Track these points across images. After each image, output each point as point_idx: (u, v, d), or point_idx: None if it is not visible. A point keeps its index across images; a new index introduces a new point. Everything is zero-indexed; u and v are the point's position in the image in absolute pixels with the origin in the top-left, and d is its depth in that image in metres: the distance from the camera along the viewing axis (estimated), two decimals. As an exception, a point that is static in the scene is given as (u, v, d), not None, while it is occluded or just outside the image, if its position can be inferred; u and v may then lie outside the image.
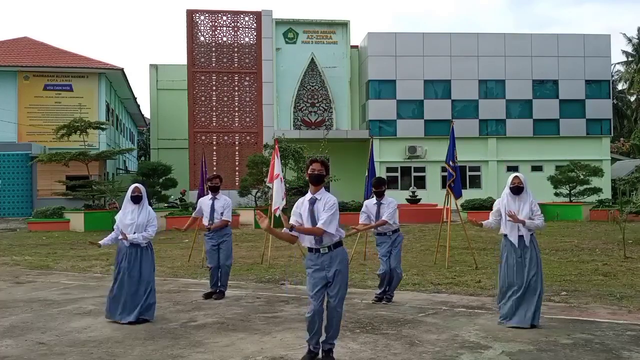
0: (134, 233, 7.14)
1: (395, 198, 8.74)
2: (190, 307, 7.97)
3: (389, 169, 32.17)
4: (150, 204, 7.58)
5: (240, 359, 5.58)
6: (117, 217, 7.35)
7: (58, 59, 32.12)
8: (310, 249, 5.44)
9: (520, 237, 6.75)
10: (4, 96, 30.73)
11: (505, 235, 6.87)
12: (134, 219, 7.19)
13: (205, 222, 8.76)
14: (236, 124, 32.90)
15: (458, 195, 11.97)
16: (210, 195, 8.88)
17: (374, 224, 8.16)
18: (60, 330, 6.72)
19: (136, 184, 7.47)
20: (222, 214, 8.69)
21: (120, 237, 7.22)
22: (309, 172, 5.54)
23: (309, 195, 5.50)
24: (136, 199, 7.28)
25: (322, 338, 5.47)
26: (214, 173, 9.29)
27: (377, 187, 8.29)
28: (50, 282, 10.39)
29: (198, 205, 9.02)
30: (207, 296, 8.52)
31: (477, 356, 5.57)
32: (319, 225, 5.30)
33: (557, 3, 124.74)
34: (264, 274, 10.79)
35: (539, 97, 34.08)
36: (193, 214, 9.25)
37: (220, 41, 32.86)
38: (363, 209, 8.38)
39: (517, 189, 6.85)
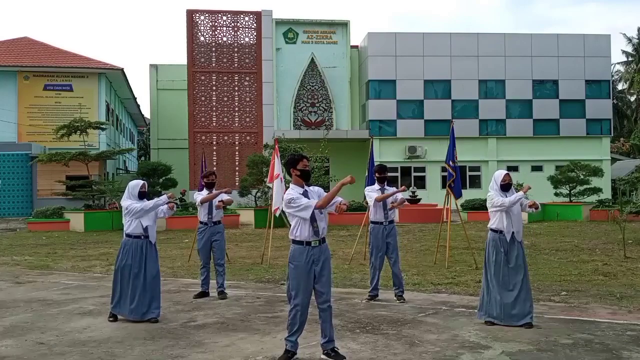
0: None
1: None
2: (190, 307, 7.97)
3: (389, 169, 32.11)
4: None
5: (240, 359, 5.58)
6: (127, 206, 7.22)
7: (58, 59, 32.13)
8: (299, 242, 5.42)
9: (513, 234, 6.81)
10: (4, 96, 30.74)
11: (494, 231, 6.89)
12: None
13: (204, 218, 8.78)
14: (236, 124, 32.91)
15: (458, 195, 11.97)
16: (206, 192, 8.91)
17: (398, 191, 8.46)
18: (60, 330, 6.72)
19: (142, 181, 7.52)
20: (217, 207, 8.76)
21: (167, 199, 7.32)
22: (299, 168, 5.51)
23: (299, 189, 5.49)
24: (143, 195, 7.36)
25: (323, 340, 5.47)
26: (211, 170, 9.33)
27: (381, 173, 8.39)
28: (50, 282, 10.38)
29: (197, 196, 8.88)
30: (198, 296, 8.55)
31: (477, 356, 5.57)
32: (338, 199, 5.41)
33: (557, 3, 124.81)
34: (264, 274, 10.78)
35: (539, 97, 34.08)
36: (202, 199, 8.75)
37: (220, 41, 32.87)
38: (369, 193, 8.37)
39: (508, 186, 6.94)
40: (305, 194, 5.46)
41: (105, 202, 24.75)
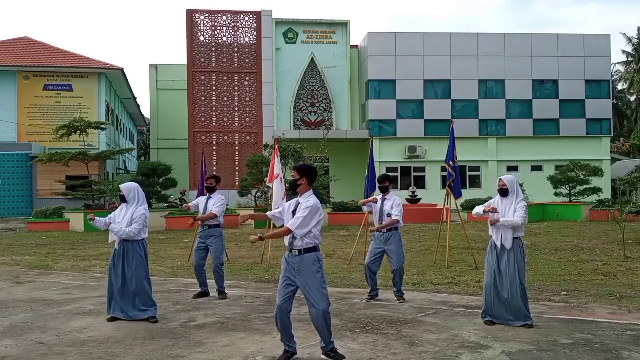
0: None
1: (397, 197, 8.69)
2: (190, 307, 7.97)
3: (389, 169, 32.14)
4: (149, 205, 7.62)
5: (240, 359, 5.58)
6: (115, 213, 7.45)
7: (58, 59, 32.13)
8: (288, 247, 5.50)
9: (502, 240, 6.77)
10: (4, 96, 30.73)
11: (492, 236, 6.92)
12: (121, 217, 7.29)
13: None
14: (236, 124, 32.90)
15: (458, 195, 11.98)
16: (206, 195, 8.99)
17: (386, 224, 8.11)
18: (60, 330, 6.72)
19: (121, 185, 7.55)
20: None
21: (89, 217, 7.38)
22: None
23: (297, 199, 5.59)
24: (122, 199, 7.37)
25: (321, 344, 5.46)
26: (212, 174, 9.41)
27: (382, 182, 8.34)
28: (50, 282, 10.38)
29: (196, 202, 9.15)
30: (198, 296, 8.58)
31: (477, 356, 5.57)
32: (287, 225, 5.39)
33: (557, 3, 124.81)
34: (264, 274, 10.78)
35: (539, 97, 34.09)
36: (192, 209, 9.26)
37: (220, 41, 32.87)
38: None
39: (501, 192, 6.92)
40: (296, 205, 5.50)
41: (105, 202, 24.76)
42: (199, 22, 32.87)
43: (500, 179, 6.98)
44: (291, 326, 5.44)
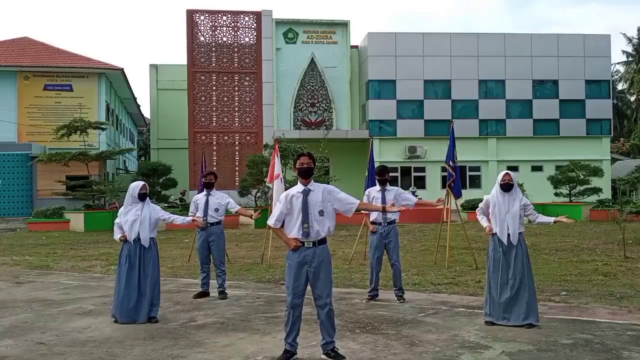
0: (141, 229, 7.22)
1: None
2: (190, 307, 7.97)
3: (389, 169, 32.10)
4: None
5: (240, 359, 5.58)
6: (118, 215, 7.40)
7: (58, 59, 32.14)
8: (302, 239, 5.44)
9: (508, 236, 6.76)
10: (4, 96, 30.74)
11: (494, 233, 6.89)
12: (137, 215, 7.21)
13: (199, 218, 8.76)
14: (236, 124, 32.91)
15: (458, 195, 11.98)
16: (204, 192, 8.91)
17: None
18: (60, 330, 6.72)
19: (142, 182, 7.51)
20: (216, 210, 8.71)
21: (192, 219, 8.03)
22: (297, 166, 5.60)
23: (300, 187, 5.50)
24: (143, 197, 7.32)
25: (322, 342, 5.47)
26: (211, 170, 9.36)
27: (381, 175, 8.32)
28: (50, 282, 10.38)
29: (192, 204, 9.00)
30: (198, 296, 8.57)
31: (477, 356, 5.57)
32: (355, 202, 5.53)
33: (557, 3, 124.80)
34: (264, 274, 10.78)
35: (539, 97, 34.09)
36: (191, 213, 9.02)
37: (220, 41, 32.87)
38: (365, 194, 8.53)
39: (507, 186, 6.87)
40: (305, 193, 5.45)
41: (105, 202, 24.76)
42: (199, 22, 32.87)
43: (507, 173, 6.95)
44: (300, 323, 5.47)
